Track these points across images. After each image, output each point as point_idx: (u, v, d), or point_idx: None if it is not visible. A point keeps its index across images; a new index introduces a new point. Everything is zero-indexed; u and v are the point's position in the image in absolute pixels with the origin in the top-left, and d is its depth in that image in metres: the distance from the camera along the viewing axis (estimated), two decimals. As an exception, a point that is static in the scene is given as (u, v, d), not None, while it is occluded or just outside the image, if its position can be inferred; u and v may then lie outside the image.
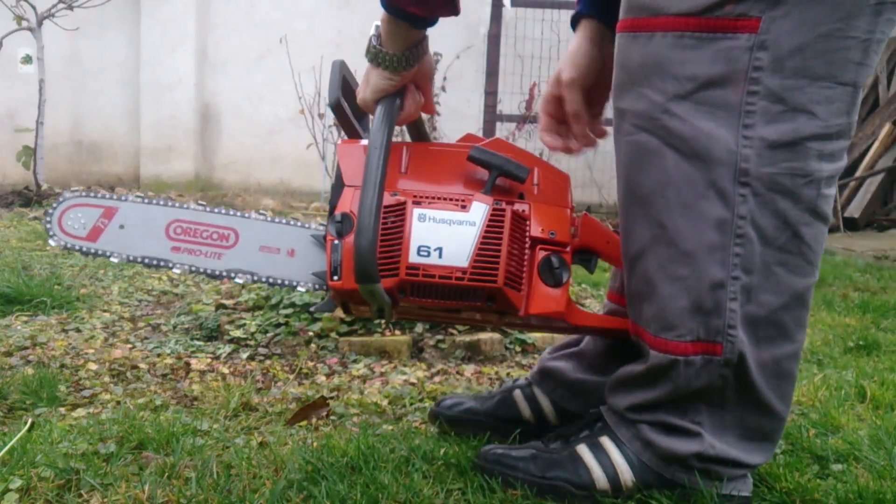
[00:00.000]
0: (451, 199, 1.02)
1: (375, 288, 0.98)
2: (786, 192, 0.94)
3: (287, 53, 4.77)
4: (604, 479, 1.07)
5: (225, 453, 1.21)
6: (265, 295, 2.09)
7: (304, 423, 1.40)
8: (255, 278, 1.21)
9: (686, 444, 1.03)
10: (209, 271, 1.21)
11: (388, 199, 1.01)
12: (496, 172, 1.03)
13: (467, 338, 1.94)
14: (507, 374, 1.77)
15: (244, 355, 1.84)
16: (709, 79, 0.91)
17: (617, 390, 1.11)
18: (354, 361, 1.83)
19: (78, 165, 6.35)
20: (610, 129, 1.15)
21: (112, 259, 1.22)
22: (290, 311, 1.99)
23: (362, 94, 1.08)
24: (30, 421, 1.32)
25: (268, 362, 1.80)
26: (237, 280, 1.22)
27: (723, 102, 0.92)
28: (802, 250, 0.97)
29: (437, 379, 1.73)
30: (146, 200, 1.24)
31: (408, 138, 1.19)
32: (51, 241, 1.21)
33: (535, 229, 1.04)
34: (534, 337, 2.01)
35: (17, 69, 6.04)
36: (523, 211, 1.04)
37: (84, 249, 1.21)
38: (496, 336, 1.96)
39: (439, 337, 1.94)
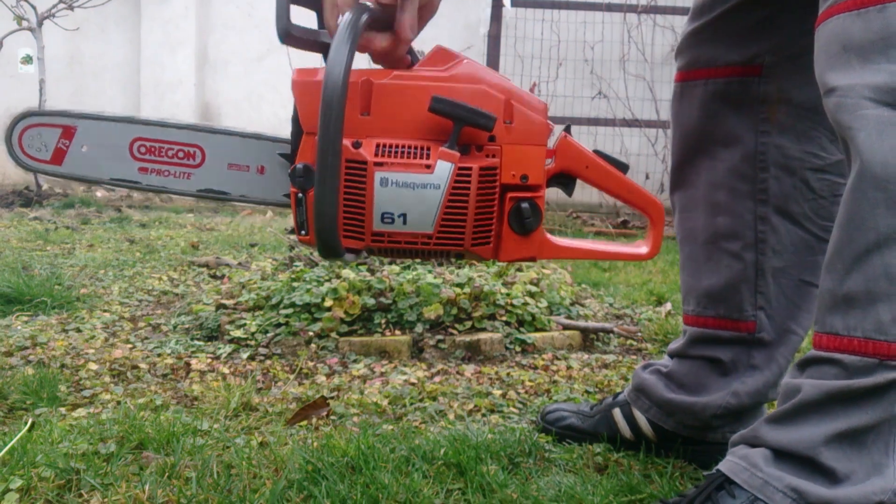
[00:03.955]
0: (414, 156, 0.97)
1: (340, 259, 0.98)
2: None
3: (287, 54, 4.77)
4: None
5: (225, 453, 1.21)
6: (265, 295, 2.09)
7: (304, 423, 1.40)
8: (227, 197, 1.17)
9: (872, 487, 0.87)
10: (181, 191, 1.18)
11: (349, 151, 0.96)
12: (460, 124, 0.96)
13: (467, 338, 1.94)
14: (507, 374, 1.77)
15: (244, 355, 1.84)
16: None
17: (786, 423, 0.93)
18: (354, 361, 1.83)
19: (78, 165, 6.35)
20: None
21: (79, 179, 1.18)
22: (290, 311, 1.99)
23: None
24: (30, 421, 1.32)
25: (268, 362, 1.80)
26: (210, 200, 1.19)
27: None
28: None
29: (437, 379, 1.73)
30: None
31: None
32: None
33: (506, 175, 0.99)
34: (534, 337, 2.01)
35: (17, 69, 6.04)
36: (492, 160, 0.99)
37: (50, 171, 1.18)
38: (496, 336, 1.96)
39: (439, 337, 1.94)
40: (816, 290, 1.16)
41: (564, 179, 1.10)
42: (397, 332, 1.97)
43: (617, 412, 1.34)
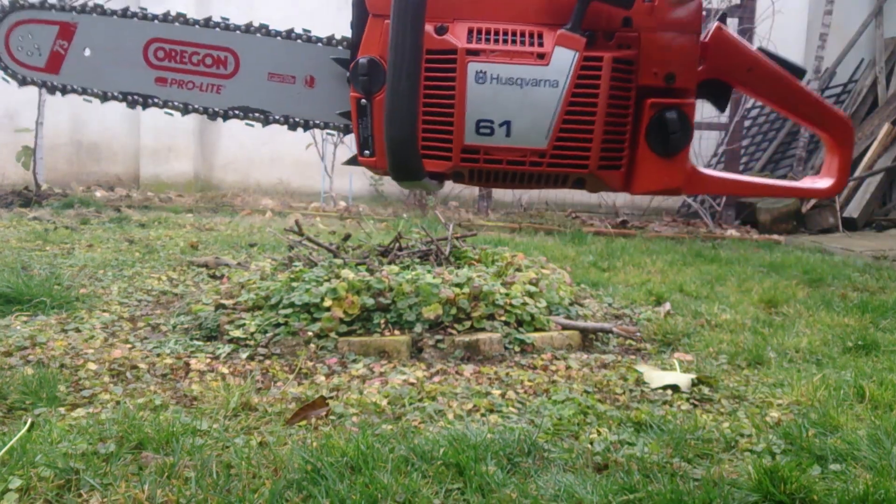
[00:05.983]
0: (522, 43, 0.71)
1: (420, 183, 0.74)
2: None
3: (286, 54, 4.78)
4: None
5: (224, 453, 1.21)
6: (265, 295, 2.09)
7: (303, 422, 1.41)
8: (268, 118, 0.94)
9: None
10: (209, 110, 0.93)
11: (431, 39, 0.70)
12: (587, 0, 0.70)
13: (466, 338, 1.94)
14: (507, 374, 1.77)
15: (244, 355, 1.84)
16: None
17: None
18: (354, 361, 1.83)
19: (77, 166, 6.36)
20: None
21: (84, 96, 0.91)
22: (289, 311, 1.99)
23: None
24: (29, 421, 1.32)
25: (267, 362, 1.80)
26: (247, 122, 0.89)
27: None
28: None
29: (436, 379, 1.73)
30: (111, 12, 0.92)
31: None
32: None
33: (645, 74, 0.74)
34: (533, 337, 2.01)
35: (16, 69, 6.04)
36: (628, 51, 0.73)
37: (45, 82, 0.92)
38: (495, 336, 1.96)
39: (438, 337, 1.94)
40: None
41: (715, 89, 0.83)
42: (396, 332, 1.97)
43: None
